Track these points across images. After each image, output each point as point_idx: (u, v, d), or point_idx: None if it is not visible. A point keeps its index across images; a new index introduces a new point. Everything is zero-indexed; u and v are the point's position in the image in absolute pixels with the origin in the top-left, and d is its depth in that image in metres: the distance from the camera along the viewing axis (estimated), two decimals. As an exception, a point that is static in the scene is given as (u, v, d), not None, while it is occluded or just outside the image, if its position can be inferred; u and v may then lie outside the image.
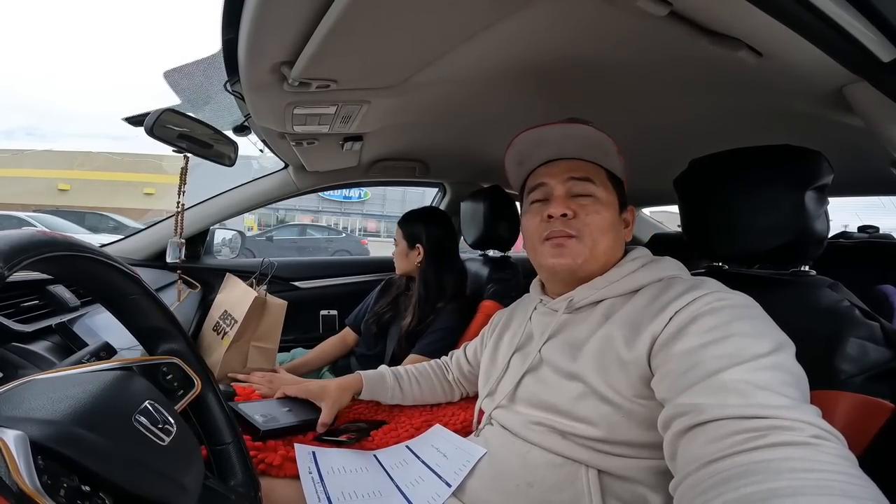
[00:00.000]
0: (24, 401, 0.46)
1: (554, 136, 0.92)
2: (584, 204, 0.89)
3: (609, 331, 0.80)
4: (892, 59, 0.64)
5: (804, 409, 0.55)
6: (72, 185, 19.64)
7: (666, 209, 3.22)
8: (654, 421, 0.67)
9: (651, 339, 0.73)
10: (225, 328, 1.51)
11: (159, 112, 1.34)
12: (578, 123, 0.89)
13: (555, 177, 0.92)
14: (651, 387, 0.70)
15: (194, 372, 0.69)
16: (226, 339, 1.47)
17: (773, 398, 0.56)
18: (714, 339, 0.65)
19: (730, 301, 0.71)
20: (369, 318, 1.83)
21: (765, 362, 0.60)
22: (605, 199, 0.90)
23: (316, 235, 13.11)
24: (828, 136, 1.13)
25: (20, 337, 0.95)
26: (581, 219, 0.88)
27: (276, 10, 0.71)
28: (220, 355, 1.45)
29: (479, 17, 0.75)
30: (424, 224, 1.76)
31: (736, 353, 0.62)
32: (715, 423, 0.56)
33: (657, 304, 0.77)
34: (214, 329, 1.56)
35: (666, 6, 0.66)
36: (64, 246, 0.53)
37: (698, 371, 0.62)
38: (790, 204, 0.86)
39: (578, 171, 0.91)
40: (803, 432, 0.52)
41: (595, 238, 0.88)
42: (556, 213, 0.88)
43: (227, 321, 1.52)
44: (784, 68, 0.78)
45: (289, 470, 0.93)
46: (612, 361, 0.77)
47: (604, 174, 0.92)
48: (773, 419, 0.54)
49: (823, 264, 0.93)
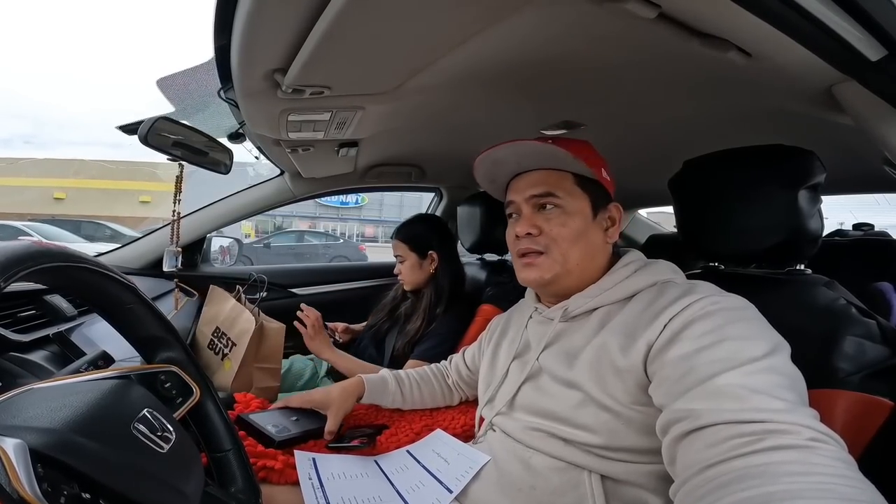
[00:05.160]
0: (23, 409, 0.46)
1: (508, 155, 0.92)
2: (550, 217, 0.90)
3: (604, 339, 0.80)
4: (880, 57, 0.65)
5: (801, 411, 0.56)
6: (67, 194, 19.57)
7: (663, 210, 3.24)
8: (653, 427, 0.67)
9: (647, 347, 0.73)
10: (223, 349, 1.51)
11: (153, 120, 1.34)
12: (525, 141, 0.88)
13: (520, 193, 0.94)
14: (648, 393, 0.71)
15: (192, 380, 0.69)
16: (227, 363, 1.47)
17: (768, 402, 0.56)
18: (708, 343, 0.65)
19: (724, 304, 0.71)
20: (365, 339, 1.82)
21: (760, 365, 0.60)
22: (573, 206, 0.90)
23: (314, 242, 13.05)
24: (819, 135, 1.14)
25: (18, 347, 0.95)
26: (547, 233, 0.89)
27: (267, 17, 0.71)
28: (222, 379, 1.45)
29: (470, 22, 0.75)
30: (431, 231, 1.76)
31: (730, 357, 0.62)
32: (711, 427, 0.57)
33: (652, 311, 0.77)
34: (210, 347, 1.55)
35: (655, 8, 0.66)
36: (59, 257, 0.54)
37: (693, 376, 0.62)
38: (784, 203, 0.87)
39: (539, 187, 0.91)
40: (800, 436, 0.52)
41: (564, 250, 0.88)
42: (522, 233, 0.91)
43: (224, 341, 1.52)
44: (773, 68, 0.79)
45: (290, 476, 0.93)
46: (608, 369, 0.77)
47: (570, 180, 0.91)
48: (768, 423, 0.54)
49: (819, 263, 0.93)
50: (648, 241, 2.34)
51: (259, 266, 2.98)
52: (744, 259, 0.98)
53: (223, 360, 1.49)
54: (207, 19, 0.83)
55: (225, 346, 1.51)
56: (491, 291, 1.75)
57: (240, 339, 1.48)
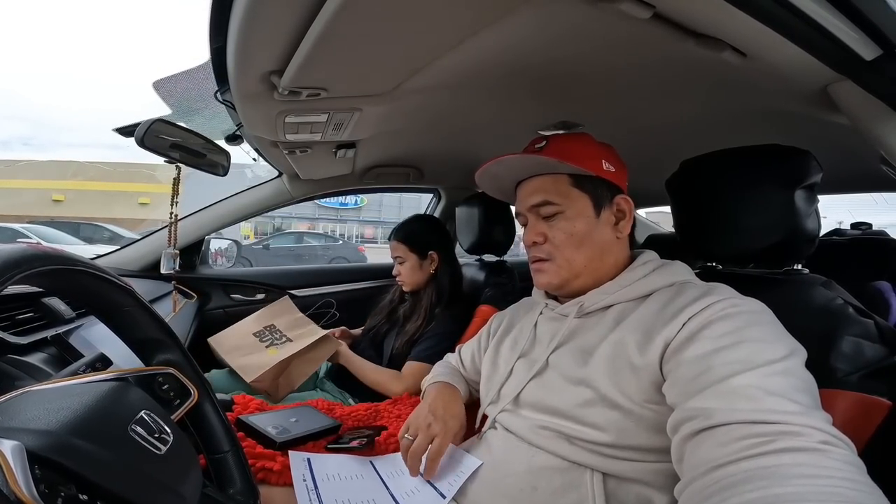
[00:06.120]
0: (21, 411, 0.46)
1: (500, 170, 0.96)
2: (552, 224, 0.91)
3: (621, 335, 0.80)
4: (875, 57, 0.65)
5: (814, 414, 0.55)
6: (66, 196, 19.56)
7: (661, 210, 3.24)
8: (663, 426, 0.67)
9: (664, 345, 0.73)
10: (274, 340, 1.56)
11: (150, 122, 1.34)
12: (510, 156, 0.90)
13: (522, 203, 0.96)
14: (662, 392, 0.70)
15: (190, 382, 0.69)
16: (273, 350, 1.51)
17: (783, 404, 0.56)
18: (726, 344, 0.65)
19: (743, 307, 0.71)
20: (363, 343, 1.82)
21: (776, 368, 0.60)
22: (573, 209, 0.90)
23: (313, 243, 13.04)
24: (815, 134, 1.14)
25: (16, 349, 0.95)
26: (551, 241, 0.91)
27: (263, 19, 0.71)
28: (261, 360, 1.47)
29: (466, 23, 0.75)
30: (430, 231, 1.77)
31: (748, 358, 0.62)
32: (724, 427, 0.56)
33: (670, 310, 0.77)
34: (256, 335, 1.59)
35: (649, 9, 0.66)
36: (57, 260, 0.54)
37: (709, 376, 0.62)
38: (780, 203, 0.87)
39: (536, 195, 0.92)
40: (812, 438, 0.52)
41: (568, 256, 0.90)
42: (528, 242, 0.95)
43: (277, 335, 1.57)
44: (768, 68, 0.79)
45: (288, 477, 0.93)
46: (623, 366, 0.77)
47: (566, 182, 0.91)
48: (782, 424, 0.54)
49: (817, 262, 0.94)
50: (647, 241, 2.34)
51: (258, 268, 2.98)
52: (741, 259, 0.99)
53: (268, 347, 1.53)
54: (204, 21, 0.83)
55: (277, 338, 1.56)
56: (490, 292, 1.75)
57: (298, 340, 1.53)
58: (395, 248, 1.74)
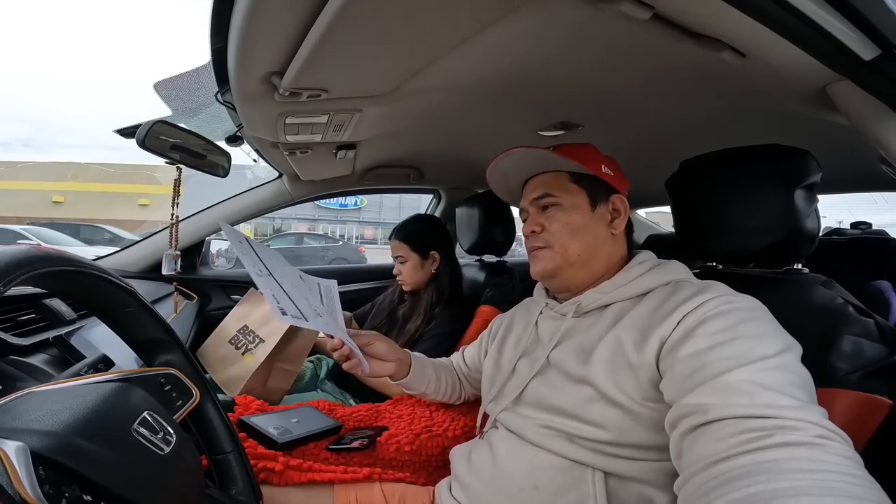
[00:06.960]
0: (24, 412, 0.46)
1: (510, 165, 1.00)
2: (549, 215, 0.96)
3: (618, 334, 0.80)
4: (874, 57, 0.65)
5: (810, 409, 0.56)
6: (66, 197, 19.59)
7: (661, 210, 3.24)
8: (662, 423, 0.68)
9: (660, 343, 0.73)
10: (247, 344, 1.52)
11: (151, 123, 1.34)
12: (520, 149, 0.94)
13: (526, 198, 1.01)
14: (659, 389, 0.71)
15: (192, 382, 0.69)
16: (249, 357, 1.48)
17: (778, 398, 0.56)
18: (721, 341, 0.66)
19: (738, 304, 0.72)
20: None
21: (771, 363, 0.61)
22: (570, 202, 0.94)
23: (313, 244, 13.05)
24: (815, 134, 1.14)
25: (18, 350, 0.95)
26: (548, 230, 0.95)
27: (264, 20, 0.71)
28: (237, 371, 1.46)
29: (466, 25, 0.76)
30: (431, 230, 1.77)
31: (743, 354, 0.62)
32: (720, 422, 0.57)
33: (665, 308, 0.77)
34: (231, 342, 1.56)
35: (648, 10, 0.66)
36: (58, 261, 0.54)
37: (704, 372, 0.63)
38: (780, 203, 0.87)
39: (536, 190, 0.98)
40: (808, 432, 0.52)
41: (563, 243, 0.93)
42: (527, 232, 0.99)
43: (250, 337, 1.53)
44: (768, 69, 0.79)
45: (290, 477, 0.93)
46: (621, 365, 0.77)
47: (566, 178, 0.96)
48: (778, 419, 0.54)
49: (817, 261, 0.94)
50: (647, 242, 2.34)
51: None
52: (741, 259, 0.99)
53: (244, 354, 1.50)
54: (205, 22, 0.83)
55: (251, 342, 1.53)
56: (490, 293, 1.75)
57: (269, 337, 1.50)
58: (397, 248, 1.74)
